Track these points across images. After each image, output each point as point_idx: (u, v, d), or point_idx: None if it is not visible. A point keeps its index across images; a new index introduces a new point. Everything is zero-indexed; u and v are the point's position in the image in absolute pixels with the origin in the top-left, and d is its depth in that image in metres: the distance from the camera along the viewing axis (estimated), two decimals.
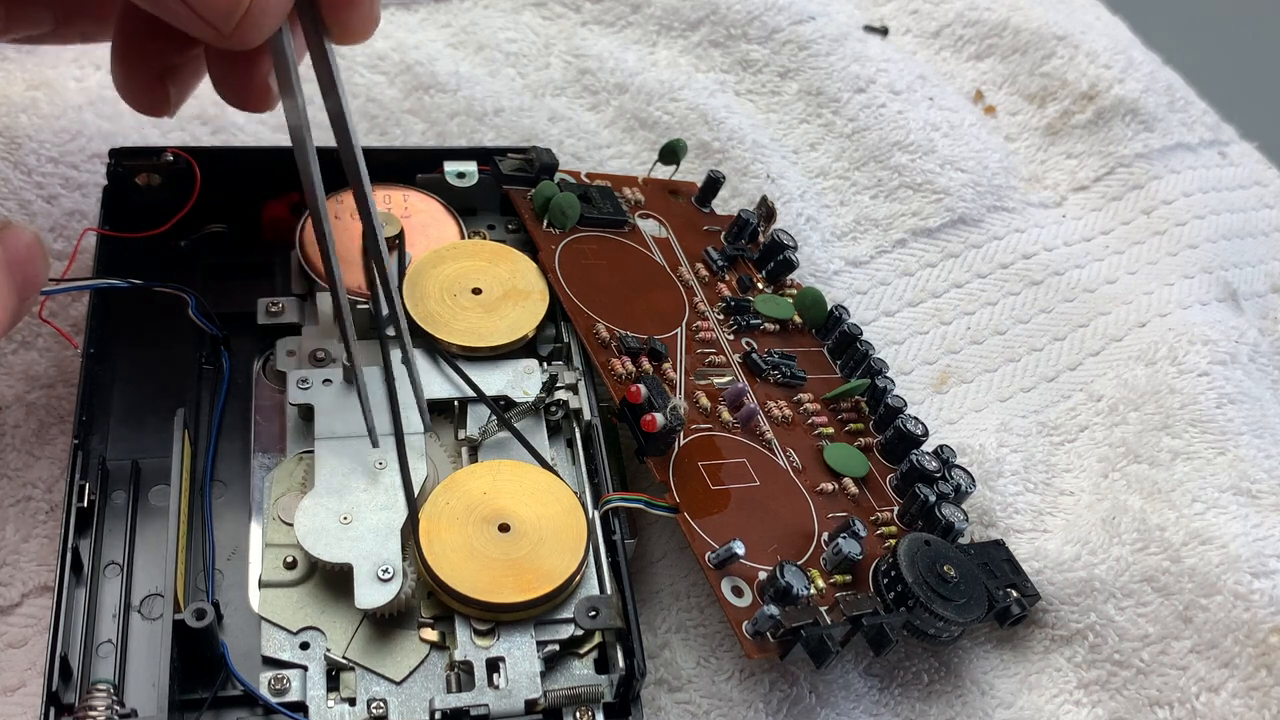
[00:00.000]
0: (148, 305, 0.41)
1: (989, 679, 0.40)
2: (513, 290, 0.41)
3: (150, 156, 0.42)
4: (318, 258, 0.41)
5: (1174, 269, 0.53)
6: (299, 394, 0.38)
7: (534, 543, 0.35)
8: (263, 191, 0.44)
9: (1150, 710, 0.39)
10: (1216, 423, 0.44)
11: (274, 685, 0.33)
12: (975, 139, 0.55)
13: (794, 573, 0.35)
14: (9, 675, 0.36)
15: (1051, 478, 0.45)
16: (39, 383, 0.41)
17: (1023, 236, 0.53)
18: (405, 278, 0.41)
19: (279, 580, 0.35)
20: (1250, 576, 0.39)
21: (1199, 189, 0.57)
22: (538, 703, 0.33)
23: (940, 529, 0.39)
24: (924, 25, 0.61)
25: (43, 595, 0.37)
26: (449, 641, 0.34)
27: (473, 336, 0.40)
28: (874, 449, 0.43)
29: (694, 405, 0.40)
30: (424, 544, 0.34)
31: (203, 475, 0.37)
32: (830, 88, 0.56)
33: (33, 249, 0.33)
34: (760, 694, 0.38)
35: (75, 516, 0.34)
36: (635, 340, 0.40)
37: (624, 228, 0.46)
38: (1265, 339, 0.50)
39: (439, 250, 0.42)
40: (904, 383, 0.48)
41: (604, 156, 0.53)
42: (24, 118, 0.48)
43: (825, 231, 0.52)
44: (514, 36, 0.57)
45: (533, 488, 0.37)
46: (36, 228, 0.46)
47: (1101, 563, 0.41)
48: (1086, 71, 0.57)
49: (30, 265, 0.33)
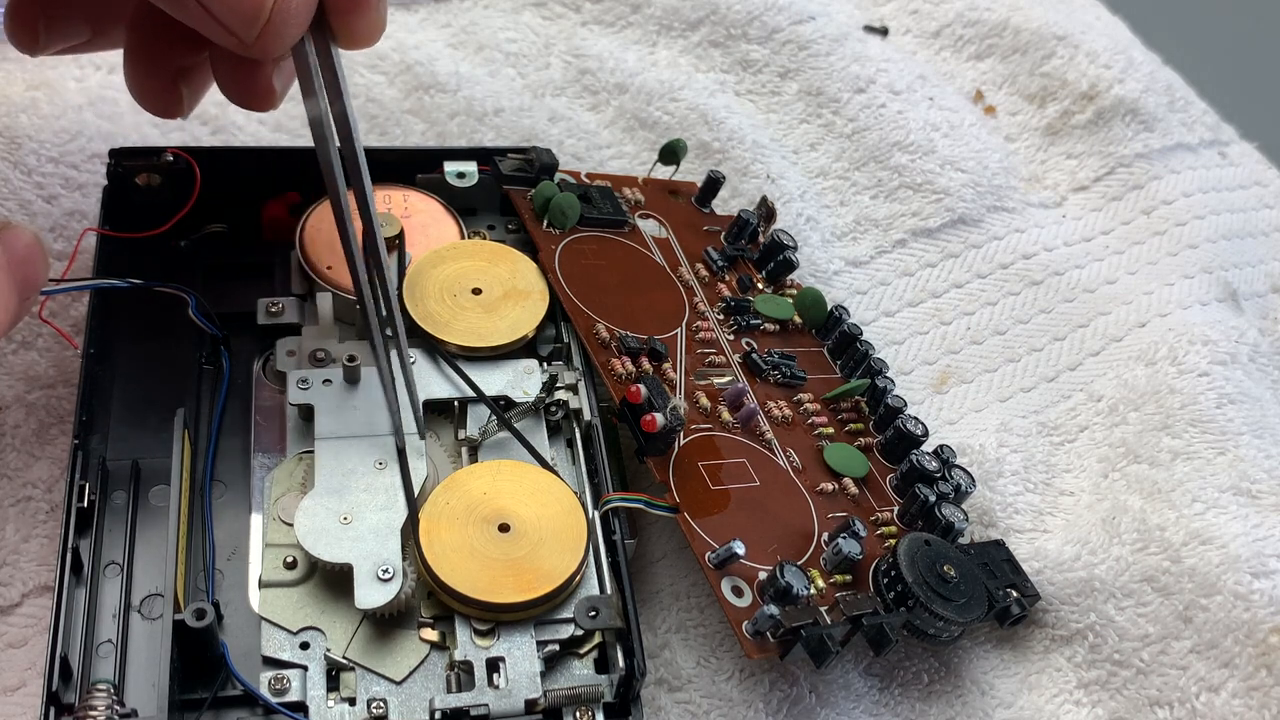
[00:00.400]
0: (148, 305, 0.41)
1: (989, 679, 0.40)
2: (513, 290, 0.41)
3: (150, 156, 0.42)
4: (318, 258, 0.41)
5: (1174, 269, 0.53)
6: (299, 394, 0.38)
7: (534, 543, 0.35)
8: (263, 191, 0.44)
9: (1150, 710, 0.39)
10: (1216, 423, 0.44)
11: (274, 685, 0.33)
12: (975, 139, 0.55)
13: (794, 573, 0.35)
14: (9, 675, 0.36)
15: (1051, 478, 0.45)
16: (39, 383, 0.41)
17: (1023, 236, 0.53)
18: (405, 278, 0.41)
19: (279, 580, 0.35)
20: (1250, 576, 0.39)
21: (1199, 189, 0.57)
22: (538, 703, 0.33)
23: (940, 529, 0.39)
24: (924, 25, 0.61)
25: (43, 595, 0.37)
26: (449, 641, 0.34)
27: (473, 337, 0.40)
28: (874, 449, 0.43)
29: (694, 405, 0.40)
30: (424, 544, 0.34)
31: (203, 475, 0.37)
32: (830, 88, 0.56)
33: (33, 249, 0.33)
34: (760, 694, 0.38)
35: (75, 516, 0.34)
36: (635, 340, 0.40)
37: (624, 228, 0.46)
38: (1265, 339, 0.50)
39: (439, 250, 0.42)
40: (904, 383, 0.48)
41: (604, 156, 0.53)
42: (24, 118, 0.48)
43: (825, 231, 0.52)
44: (514, 36, 0.57)
45: (533, 488, 0.37)
46: (36, 228, 0.46)
47: (1101, 563, 0.41)
48: (1086, 71, 0.57)
49: (30, 265, 0.33)
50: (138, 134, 0.49)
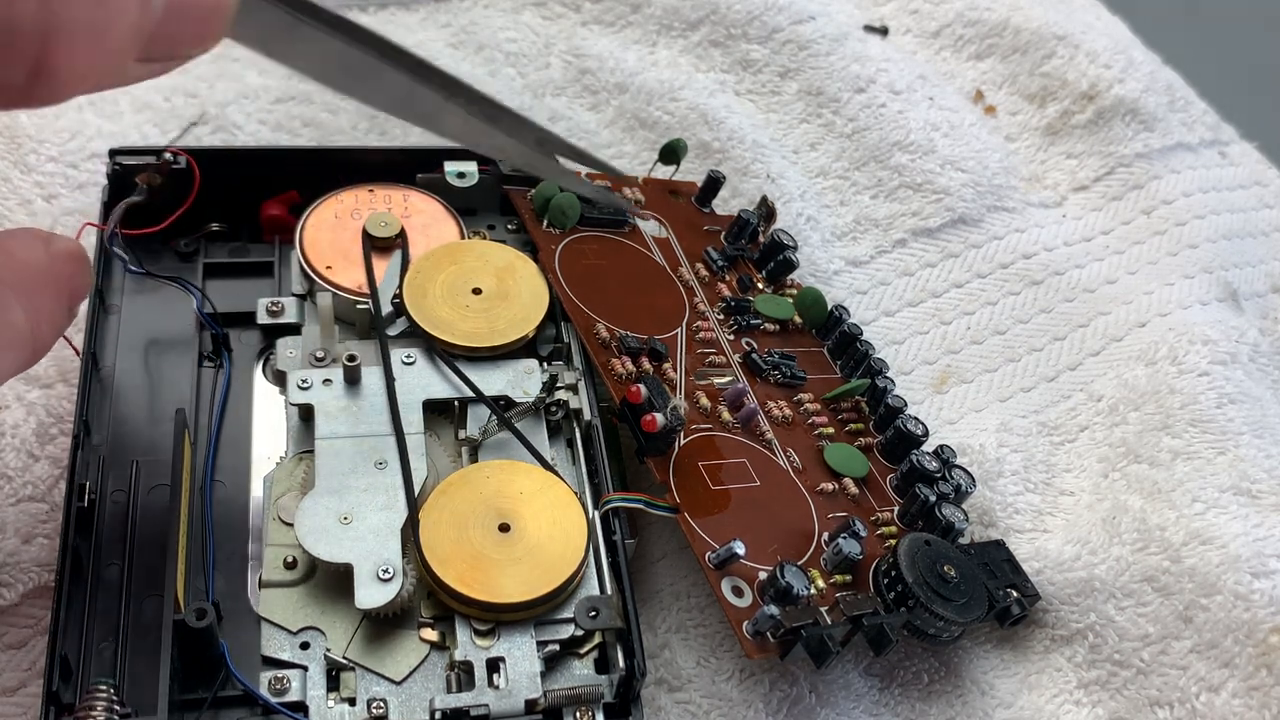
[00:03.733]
0: (148, 305, 0.41)
1: (989, 679, 0.40)
2: (513, 290, 0.41)
3: (150, 156, 0.42)
4: (318, 258, 0.42)
5: (1174, 269, 0.53)
6: (299, 394, 0.38)
7: (534, 543, 0.35)
8: (263, 191, 0.44)
9: (1150, 710, 0.39)
10: (1217, 423, 0.44)
11: (274, 685, 0.33)
12: (975, 139, 0.55)
13: (794, 573, 0.35)
14: (9, 675, 0.36)
15: (1051, 478, 0.45)
16: (39, 383, 0.41)
17: (1023, 236, 0.53)
18: (405, 278, 0.41)
19: (279, 580, 0.35)
20: (1250, 576, 0.39)
21: (1199, 189, 0.57)
22: (538, 703, 0.33)
23: (940, 529, 0.39)
24: (924, 25, 0.61)
25: (43, 595, 0.37)
26: (449, 641, 0.34)
27: (473, 337, 0.40)
28: (874, 449, 0.43)
29: (694, 405, 0.40)
30: (424, 544, 0.34)
31: (203, 475, 0.37)
32: (830, 88, 0.56)
33: (76, 259, 0.31)
34: (760, 694, 0.38)
35: (75, 516, 0.34)
36: (635, 340, 0.40)
37: (624, 228, 0.46)
38: (1265, 339, 0.50)
39: (439, 250, 0.42)
40: (904, 383, 0.48)
41: (604, 156, 0.53)
42: (24, 117, 0.48)
43: (825, 231, 0.52)
44: (514, 36, 0.57)
45: (533, 488, 0.37)
46: (36, 226, 0.46)
47: (1101, 563, 0.41)
48: (1086, 71, 0.57)
49: (77, 277, 0.32)
50: (138, 133, 0.49)
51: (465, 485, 0.36)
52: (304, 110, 0.52)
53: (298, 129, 0.52)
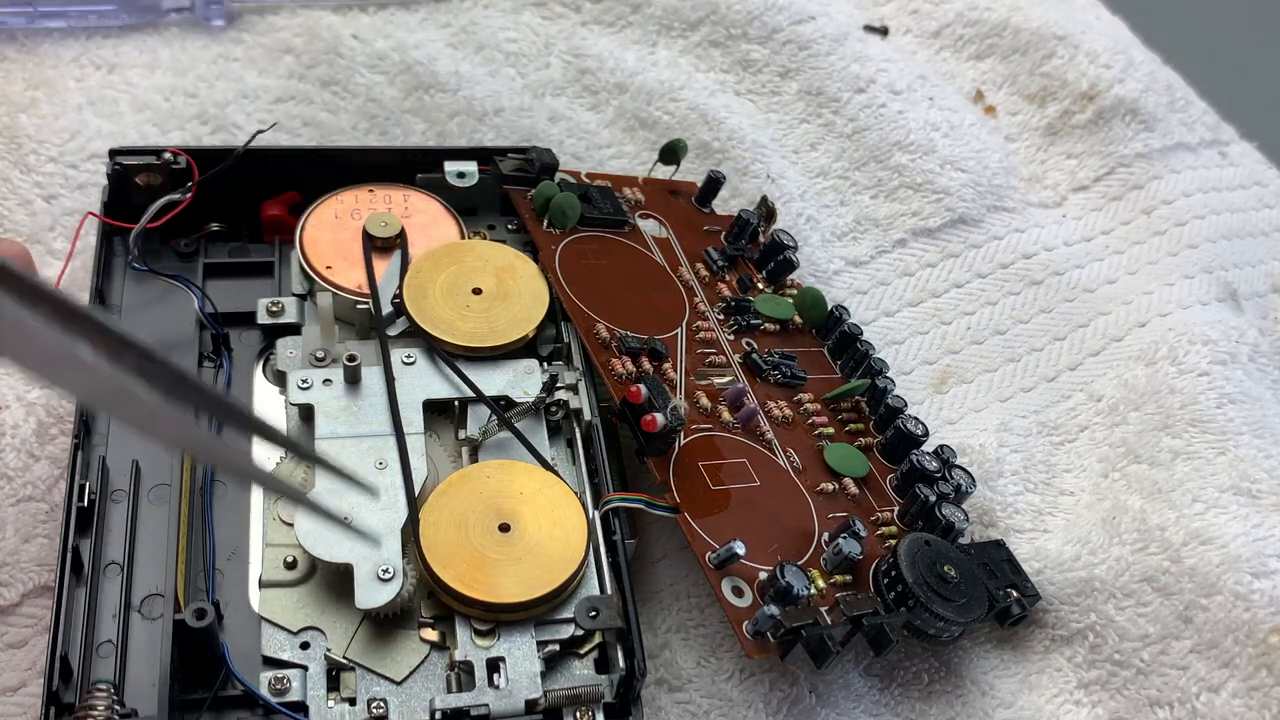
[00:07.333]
0: (148, 304, 0.41)
1: (989, 679, 0.40)
2: (513, 290, 0.41)
3: (150, 156, 0.42)
4: (318, 258, 0.42)
5: (1174, 269, 0.53)
6: (299, 394, 0.38)
7: (534, 543, 0.35)
8: (262, 191, 0.44)
9: (1150, 710, 0.39)
10: (1216, 423, 0.44)
11: (274, 685, 0.33)
12: (975, 139, 0.55)
13: (794, 573, 0.35)
14: (9, 675, 0.36)
15: (1051, 478, 0.45)
16: (39, 383, 0.41)
17: (1023, 236, 0.53)
18: (405, 278, 0.41)
19: (279, 580, 0.35)
20: (1250, 576, 0.39)
21: (1199, 189, 0.57)
22: (538, 703, 0.33)
23: (940, 529, 0.39)
24: (924, 25, 0.61)
25: (43, 595, 0.37)
26: (449, 641, 0.34)
27: (473, 337, 0.40)
28: (874, 449, 0.43)
29: (694, 405, 0.40)
30: (424, 544, 0.34)
31: (203, 475, 0.37)
32: (830, 88, 0.56)
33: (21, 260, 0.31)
34: (760, 694, 0.38)
35: (75, 516, 0.34)
36: (635, 340, 0.40)
37: (624, 228, 0.46)
38: (1265, 339, 0.50)
39: (439, 250, 0.42)
40: (904, 383, 0.48)
41: (604, 156, 0.53)
42: (24, 118, 0.48)
43: (825, 231, 0.52)
44: (514, 36, 0.57)
45: (533, 488, 0.37)
46: (37, 225, 0.46)
47: (1101, 563, 0.41)
48: (1086, 71, 0.57)
49: None
50: (138, 133, 0.50)
51: (465, 485, 0.36)
52: (304, 110, 0.52)
53: (297, 129, 0.52)
